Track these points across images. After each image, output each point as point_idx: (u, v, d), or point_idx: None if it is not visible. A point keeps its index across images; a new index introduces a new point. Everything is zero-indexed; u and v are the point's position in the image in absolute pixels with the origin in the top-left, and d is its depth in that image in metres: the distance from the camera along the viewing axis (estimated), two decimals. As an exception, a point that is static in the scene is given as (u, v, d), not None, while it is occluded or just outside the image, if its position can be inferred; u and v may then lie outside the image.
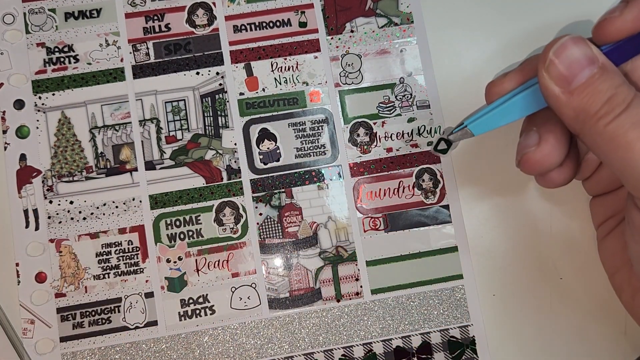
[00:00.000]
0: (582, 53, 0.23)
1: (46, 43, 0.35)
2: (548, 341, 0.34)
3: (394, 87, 0.35)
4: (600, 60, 0.23)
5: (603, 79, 0.23)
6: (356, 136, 0.35)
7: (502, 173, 0.35)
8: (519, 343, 0.34)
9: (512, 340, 0.34)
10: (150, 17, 0.35)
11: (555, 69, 0.23)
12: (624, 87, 0.22)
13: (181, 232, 0.34)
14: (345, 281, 0.34)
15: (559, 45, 0.23)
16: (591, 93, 0.23)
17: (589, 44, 0.23)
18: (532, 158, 0.26)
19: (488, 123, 0.27)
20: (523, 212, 0.34)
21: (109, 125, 0.34)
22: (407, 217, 0.34)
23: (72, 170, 0.34)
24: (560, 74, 0.23)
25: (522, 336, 0.34)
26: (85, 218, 0.34)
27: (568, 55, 0.23)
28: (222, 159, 0.34)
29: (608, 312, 0.34)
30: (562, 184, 0.28)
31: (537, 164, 0.26)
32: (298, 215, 0.34)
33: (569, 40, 0.23)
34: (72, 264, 0.33)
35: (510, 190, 0.35)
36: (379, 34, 0.36)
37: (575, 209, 0.34)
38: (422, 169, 0.35)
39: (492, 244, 0.34)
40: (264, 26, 0.35)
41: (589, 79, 0.23)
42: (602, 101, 0.22)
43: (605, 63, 0.23)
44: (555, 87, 0.23)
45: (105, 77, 0.35)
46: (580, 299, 0.34)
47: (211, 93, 0.35)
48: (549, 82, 0.24)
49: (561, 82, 0.23)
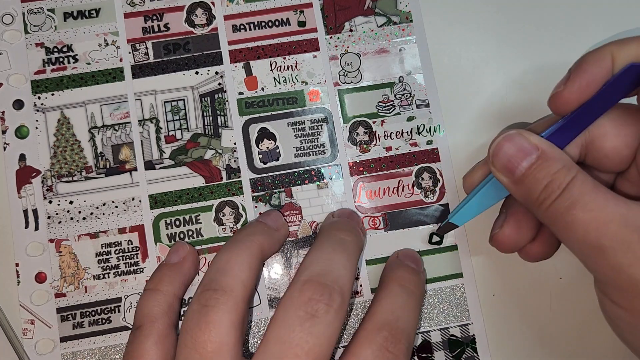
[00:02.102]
0: (517, 148, 0.25)
1: (45, 43, 0.35)
2: (548, 341, 0.34)
3: (393, 86, 0.35)
4: (540, 148, 0.25)
5: (540, 167, 0.24)
6: (355, 135, 0.35)
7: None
8: (519, 342, 0.34)
9: (512, 340, 0.34)
10: (149, 17, 0.35)
11: (498, 162, 0.26)
12: (561, 172, 0.24)
13: (181, 232, 0.34)
14: (345, 280, 0.33)
15: (495, 146, 0.26)
16: (531, 181, 0.25)
17: (525, 136, 0.25)
18: (497, 238, 0.30)
19: (467, 214, 0.30)
20: None
21: (108, 125, 0.34)
22: (406, 216, 0.34)
23: (72, 170, 0.34)
24: (503, 167, 0.26)
25: (522, 336, 0.34)
26: (85, 218, 0.34)
27: (505, 152, 0.25)
28: (221, 159, 0.34)
29: None
30: (540, 258, 0.30)
31: (502, 244, 0.30)
32: (298, 214, 0.34)
33: (502, 140, 0.26)
34: (72, 264, 0.33)
35: None
36: (378, 33, 0.36)
37: None
38: (421, 168, 0.35)
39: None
40: (262, 25, 0.35)
41: (527, 169, 0.25)
42: (540, 188, 0.24)
43: (546, 150, 0.25)
44: (504, 177, 0.26)
45: (104, 77, 0.35)
46: (580, 299, 0.34)
47: (210, 92, 0.35)
48: (498, 174, 0.26)
49: (506, 173, 0.26)
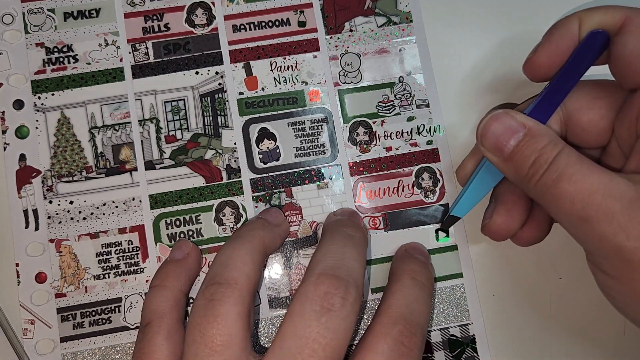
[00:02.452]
0: (504, 127, 0.26)
1: (45, 43, 0.35)
2: (548, 341, 0.34)
3: (393, 86, 0.35)
4: (526, 126, 0.25)
5: (528, 144, 0.25)
6: (355, 135, 0.35)
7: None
8: (519, 342, 0.34)
9: (512, 340, 0.34)
10: (150, 17, 0.35)
11: (487, 142, 0.26)
12: (547, 148, 0.25)
13: (181, 232, 0.34)
14: (345, 280, 0.33)
15: (483, 126, 0.26)
16: (520, 158, 0.25)
17: (512, 115, 0.26)
18: (489, 228, 0.30)
19: (467, 204, 0.31)
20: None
21: (108, 125, 0.34)
22: (406, 216, 0.34)
23: (72, 170, 0.34)
24: (492, 146, 0.26)
25: (522, 336, 0.34)
26: (85, 218, 0.34)
27: (493, 131, 0.26)
28: (221, 159, 0.34)
29: (608, 312, 0.34)
30: (532, 242, 0.31)
31: (494, 233, 0.30)
32: (298, 214, 0.34)
33: (490, 119, 0.26)
34: (72, 264, 0.33)
35: None
36: (378, 33, 0.36)
37: None
38: (421, 168, 0.35)
39: (492, 244, 0.34)
40: (263, 26, 0.35)
41: (515, 147, 0.25)
42: (529, 164, 0.25)
43: (532, 127, 0.25)
44: (493, 156, 0.26)
45: (104, 77, 0.35)
46: (580, 299, 0.34)
47: (210, 92, 0.35)
48: (488, 153, 0.27)
49: (496, 151, 0.26)
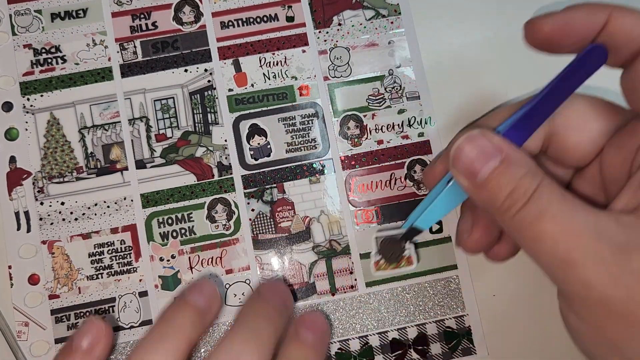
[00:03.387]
0: (479, 150, 0.23)
1: (33, 44, 0.35)
2: (548, 341, 0.34)
3: (383, 79, 0.35)
4: (504, 151, 0.23)
5: (504, 172, 0.23)
6: (346, 129, 0.35)
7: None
8: (516, 334, 0.34)
9: (509, 331, 0.34)
10: (137, 16, 0.35)
11: (460, 165, 0.24)
12: (526, 178, 0.22)
13: (174, 230, 0.34)
14: (339, 275, 0.33)
15: (456, 148, 0.24)
16: (494, 187, 0.23)
17: (488, 138, 0.23)
18: (467, 244, 0.28)
19: (432, 216, 0.28)
20: None
21: (98, 125, 0.34)
22: (399, 209, 0.34)
23: (63, 171, 0.34)
24: (465, 170, 0.23)
25: (522, 336, 0.34)
26: (77, 219, 0.33)
27: (466, 155, 0.23)
28: (212, 156, 0.34)
29: None
30: (507, 258, 0.29)
31: (473, 249, 0.28)
32: (290, 210, 0.34)
33: (464, 141, 0.24)
34: (65, 265, 0.33)
35: None
36: (367, 26, 0.36)
37: None
38: (413, 160, 0.35)
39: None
40: (251, 22, 0.35)
41: (490, 174, 0.23)
42: (504, 195, 0.22)
43: (509, 153, 0.23)
44: (464, 180, 0.24)
45: (93, 77, 0.35)
46: None
47: (200, 90, 0.35)
48: (459, 177, 0.24)
49: (468, 176, 0.23)
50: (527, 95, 0.32)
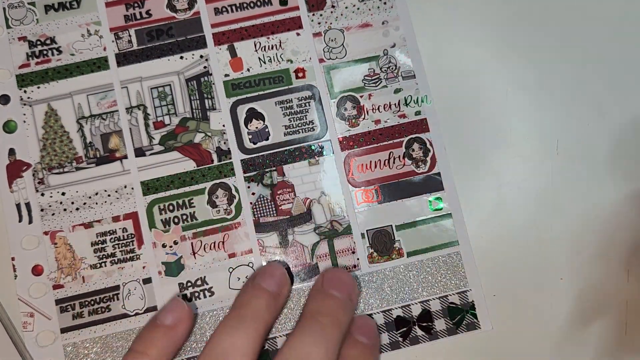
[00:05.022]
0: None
1: (28, 37, 0.35)
2: (548, 341, 0.34)
3: (378, 60, 0.35)
4: None
5: None
6: (344, 110, 0.35)
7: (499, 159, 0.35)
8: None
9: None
10: (131, 5, 0.35)
11: None
12: None
13: (175, 217, 0.34)
14: (341, 255, 0.34)
15: None
16: None
17: None
18: None
19: None
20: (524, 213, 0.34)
21: (96, 115, 0.34)
22: (399, 188, 0.34)
23: (62, 162, 0.34)
24: None
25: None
26: (78, 208, 0.34)
27: None
28: (211, 141, 0.34)
29: (608, 312, 0.34)
30: None
31: None
32: (291, 192, 0.34)
33: None
34: (68, 255, 0.33)
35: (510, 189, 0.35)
36: (360, 7, 0.36)
37: (575, 209, 0.34)
38: (411, 139, 0.35)
39: (492, 244, 0.34)
40: (244, 7, 0.35)
41: None
42: None
43: None
44: None
45: (89, 67, 0.35)
46: (580, 299, 0.34)
47: (196, 76, 0.35)
48: None
49: None
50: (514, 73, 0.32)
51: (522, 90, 0.35)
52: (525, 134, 0.35)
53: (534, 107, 0.35)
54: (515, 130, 0.35)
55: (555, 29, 0.36)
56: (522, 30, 0.36)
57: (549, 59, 0.35)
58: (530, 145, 0.35)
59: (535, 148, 0.35)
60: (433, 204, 0.34)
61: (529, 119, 0.35)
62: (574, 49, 0.36)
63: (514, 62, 0.35)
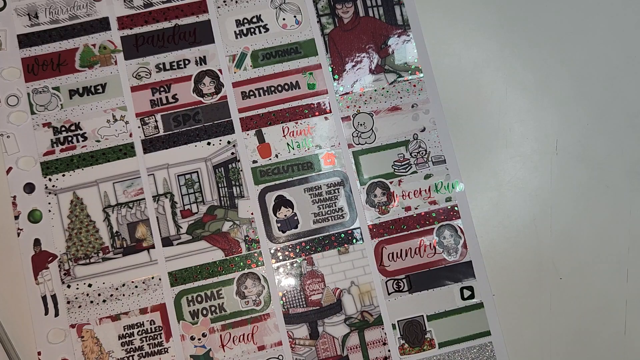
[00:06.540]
0: None
1: (52, 122, 0.34)
2: (548, 341, 0.33)
3: (408, 144, 0.35)
4: None
5: None
6: (373, 197, 0.34)
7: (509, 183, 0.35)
8: (521, 345, 0.33)
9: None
10: (157, 89, 0.35)
11: None
12: None
13: (203, 308, 0.33)
14: (372, 346, 0.33)
15: None
16: None
17: None
18: None
19: None
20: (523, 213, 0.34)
21: (122, 203, 0.34)
22: (430, 276, 0.34)
23: (88, 252, 0.33)
24: None
25: (522, 336, 0.34)
26: (105, 300, 0.33)
27: None
28: (239, 230, 0.34)
29: (608, 312, 0.34)
30: None
31: None
32: (320, 282, 0.34)
33: None
34: (95, 349, 0.33)
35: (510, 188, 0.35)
36: (389, 90, 0.35)
37: (575, 209, 0.35)
38: (442, 226, 0.34)
39: (492, 244, 0.34)
40: (272, 90, 0.35)
41: None
42: None
43: None
44: None
45: (115, 153, 0.34)
46: (580, 299, 0.34)
47: (224, 163, 0.34)
48: None
49: None
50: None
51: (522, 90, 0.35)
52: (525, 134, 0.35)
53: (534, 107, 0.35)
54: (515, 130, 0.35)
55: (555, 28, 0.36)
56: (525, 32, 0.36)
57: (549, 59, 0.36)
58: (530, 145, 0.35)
59: (535, 148, 0.35)
60: (464, 293, 0.34)
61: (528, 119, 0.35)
62: (574, 49, 0.36)
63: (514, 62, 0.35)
